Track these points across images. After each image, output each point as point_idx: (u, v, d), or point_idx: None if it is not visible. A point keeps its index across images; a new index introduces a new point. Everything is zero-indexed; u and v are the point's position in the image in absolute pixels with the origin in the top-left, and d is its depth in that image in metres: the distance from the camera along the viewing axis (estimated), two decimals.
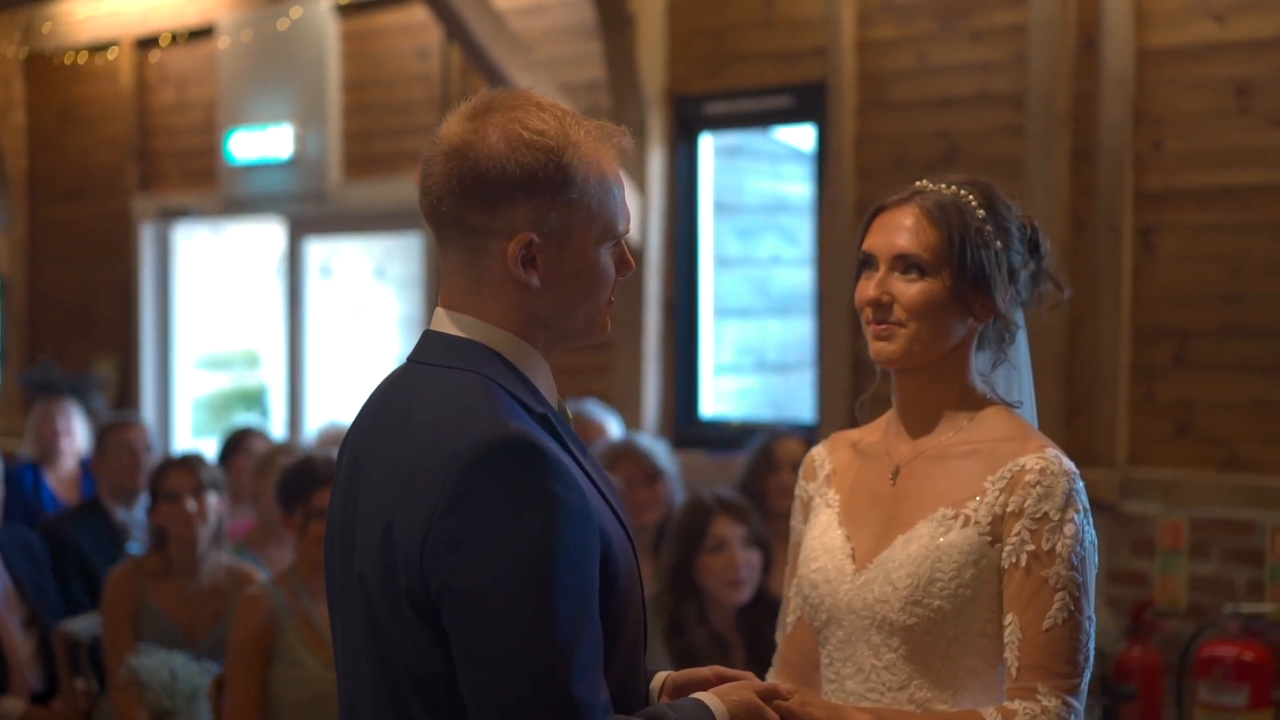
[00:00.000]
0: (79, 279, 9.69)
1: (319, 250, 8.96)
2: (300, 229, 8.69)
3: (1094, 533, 2.71)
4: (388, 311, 9.04)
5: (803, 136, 7.42)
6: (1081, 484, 2.71)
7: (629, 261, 2.45)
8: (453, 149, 2.32)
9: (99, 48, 9.53)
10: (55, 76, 9.86)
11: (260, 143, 8.54)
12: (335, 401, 8.89)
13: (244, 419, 9.06)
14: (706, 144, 7.16)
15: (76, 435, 8.10)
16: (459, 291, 2.37)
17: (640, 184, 6.97)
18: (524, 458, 2.19)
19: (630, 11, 6.84)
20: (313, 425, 8.56)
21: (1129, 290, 5.80)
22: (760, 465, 5.80)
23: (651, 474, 5.62)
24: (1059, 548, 2.65)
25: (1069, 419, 5.92)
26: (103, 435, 7.10)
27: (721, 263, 7.40)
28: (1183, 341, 5.73)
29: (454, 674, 2.22)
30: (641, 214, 6.98)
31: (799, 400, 7.10)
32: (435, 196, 2.34)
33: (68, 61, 9.69)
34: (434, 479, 2.20)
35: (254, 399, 9.47)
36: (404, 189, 7.87)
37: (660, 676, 2.61)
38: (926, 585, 2.70)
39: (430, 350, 2.38)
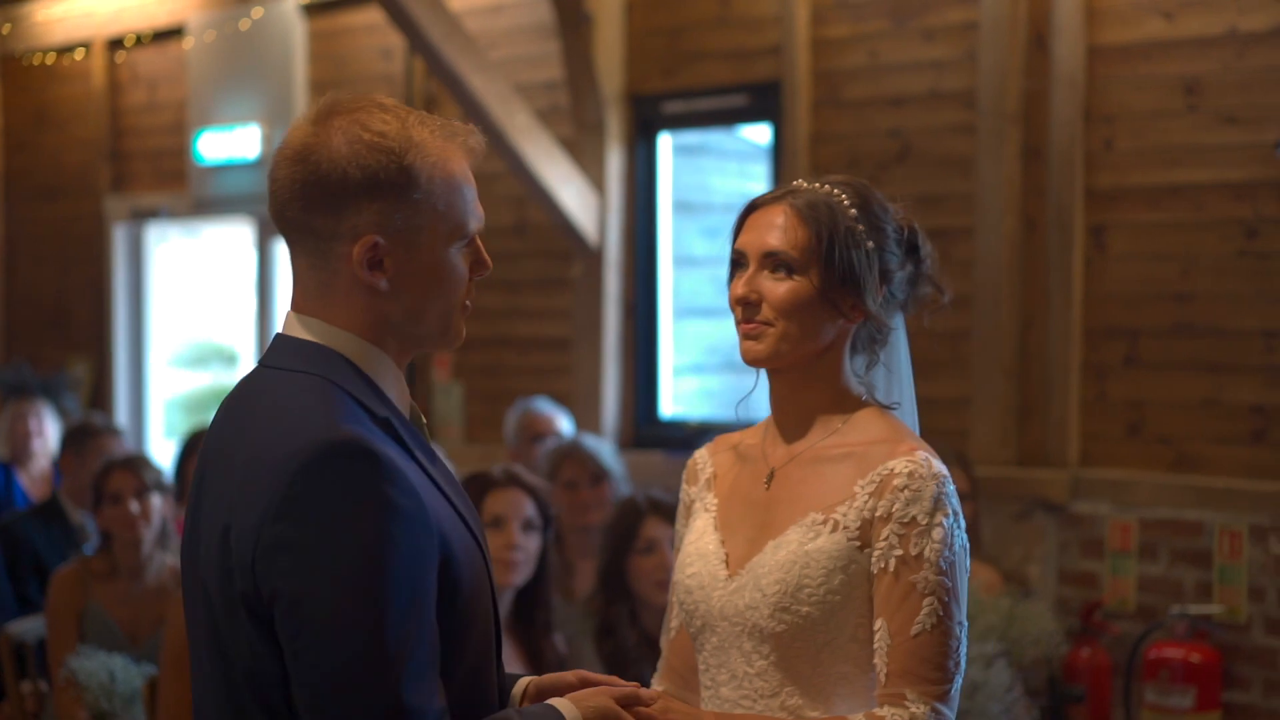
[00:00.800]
0: (54, 279, 9.69)
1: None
2: (270, 229, 8.68)
3: (965, 537, 2.68)
4: None
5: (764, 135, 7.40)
6: (952, 487, 2.68)
7: (485, 261, 2.42)
8: (295, 153, 2.31)
9: (72, 49, 9.53)
10: (30, 77, 9.87)
11: (229, 143, 8.53)
12: None
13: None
14: (665, 143, 7.13)
15: (49, 435, 8.10)
16: (307, 295, 2.35)
17: (599, 183, 6.95)
18: (356, 461, 2.17)
19: (588, 11, 6.82)
20: None
21: (1080, 289, 5.77)
22: None
23: (596, 474, 5.59)
24: (927, 552, 2.61)
25: (1021, 419, 5.89)
26: (75, 437, 7.08)
27: (686, 262, 7.37)
28: (1133, 340, 5.69)
29: (290, 680, 2.21)
30: (600, 213, 6.96)
31: (761, 401, 7.05)
32: (280, 201, 2.33)
33: (40, 62, 9.69)
34: (267, 482, 2.18)
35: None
36: None
37: (523, 682, 2.59)
38: (795, 591, 2.66)
39: (277, 354, 2.36)
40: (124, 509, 5.37)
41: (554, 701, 2.41)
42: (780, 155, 6.57)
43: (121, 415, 9.33)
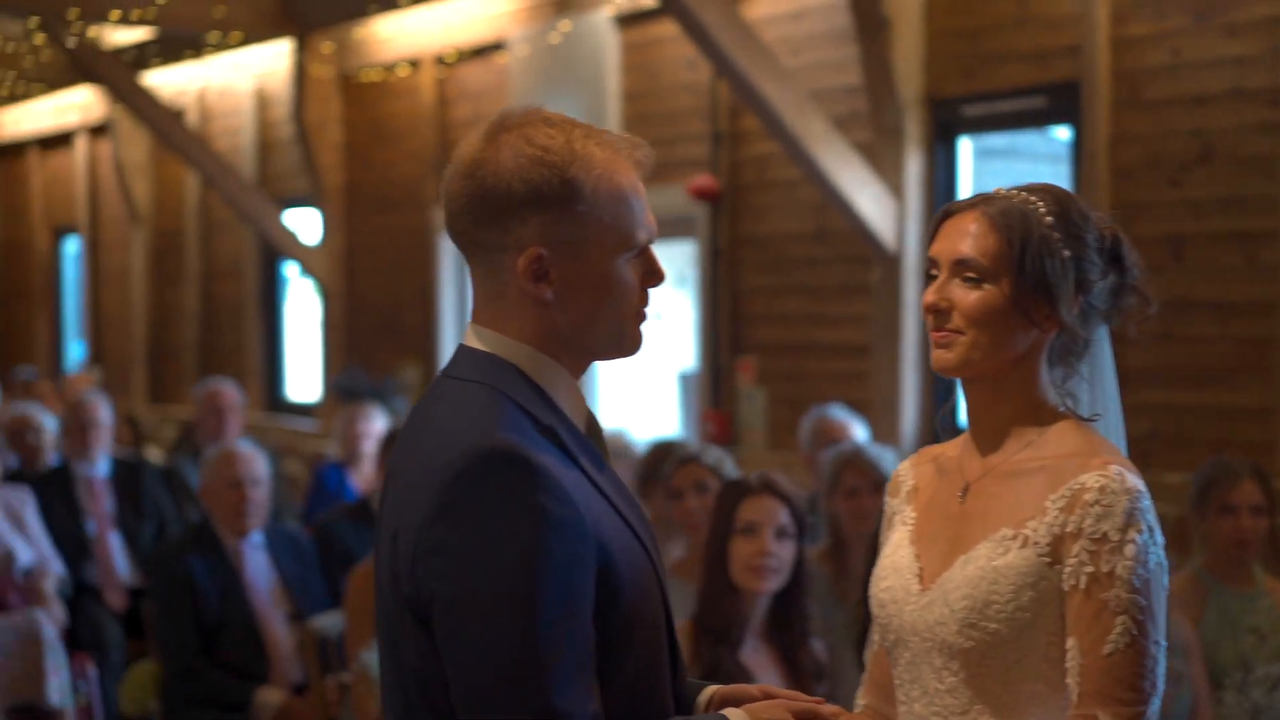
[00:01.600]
0: (387, 288, 10.07)
1: None
2: None
3: (1162, 554, 2.58)
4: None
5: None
6: (1148, 503, 2.58)
7: (659, 271, 2.45)
8: (465, 169, 2.39)
9: (404, 65, 9.90)
10: (367, 94, 10.28)
11: None
12: (622, 407, 9.06)
13: None
14: (965, 147, 7.03)
15: (379, 438, 8.42)
16: (483, 307, 2.43)
17: (897, 189, 6.90)
18: (510, 468, 2.23)
19: (886, 15, 6.77)
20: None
21: None
22: None
23: (878, 482, 5.54)
24: (1119, 570, 2.53)
25: None
26: (390, 441, 7.35)
27: None
28: None
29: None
30: (899, 219, 6.90)
31: None
32: (452, 215, 2.41)
33: (375, 79, 10.10)
34: (427, 488, 2.27)
35: None
36: (676, 198, 7.96)
37: (707, 691, 2.61)
38: (983, 608, 2.62)
39: (457, 364, 2.44)
40: None
41: (727, 711, 2.44)
42: (1080, 157, 6.41)
43: None
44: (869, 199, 6.81)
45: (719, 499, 4.47)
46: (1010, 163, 7.57)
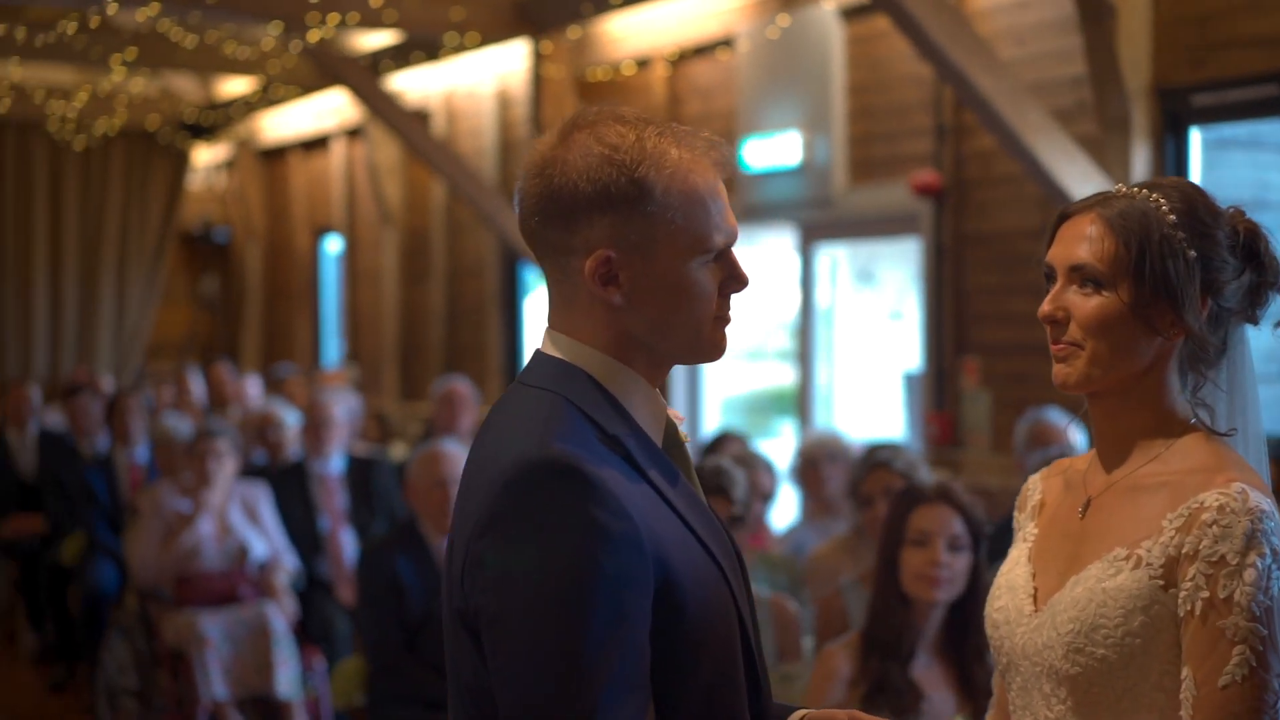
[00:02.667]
0: None
1: (855, 256, 9.02)
2: (811, 234, 8.73)
3: None
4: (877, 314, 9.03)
5: None
6: (1273, 524, 2.39)
7: (740, 277, 2.35)
8: (536, 168, 2.32)
9: (632, 64, 9.89)
10: (600, 93, 10.30)
11: (771, 150, 8.63)
12: (857, 407, 8.92)
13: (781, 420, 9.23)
14: (1195, 138, 6.71)
15: None
16: (556, 311, 2.37)
17: (1124, 182, 6.60)
18: (561, 480, 2.16)
19: (1111, 2, 6.50)
20: (848, 431, 8.57)
21: None
22: None
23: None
24: (1237, 595, 2.36)
25: None
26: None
27: None
28: None
29: None
30: None
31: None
32: (523, 216, 2.34)
33: (607, 78, 10.11)
34: (480, 498, 2.22)
35: (783, 400, 9.60)
36: (900, 193, 7.79)
37: (797, 715, 2.51)
38: (1089, 632, 2.46)
39: (530, 371, 2.38)
40: None
41: None
42: None
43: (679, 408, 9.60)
44: (1092, 193, 6.54)
45: (891, 507, 4.33)
46: (1252, 153, 7.20)
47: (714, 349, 2.37)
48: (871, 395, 8.97)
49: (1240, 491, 2.40)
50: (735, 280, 2.35)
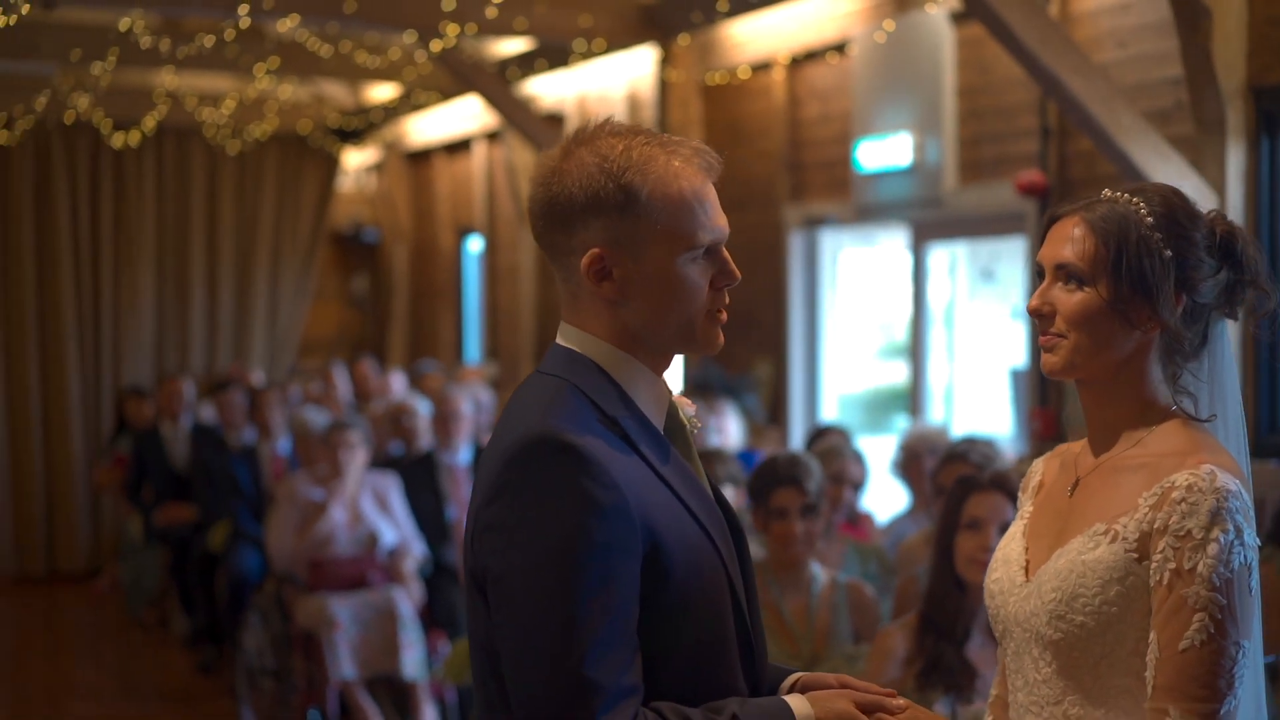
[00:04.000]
0: (742, 285, 10.17)
1: (976, 254, 9.17)
2: (923, 233, 8.89)
3: (1249, 555, 2.60)
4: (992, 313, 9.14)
5: None
6: (1239, 503, 2.60)
7: (730, 273, 2.60)
8: (541, 180, 2.61)
9: (747, 67, 10.11)
10: (724, 96, 10.52)
11: (884, 151, 8.81)
12: (974, 403, 9.06)
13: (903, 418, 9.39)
14: None
15: (728, 432, 8.67)
16: (567, 306, 2.65)
17: (1218, 184, 6.71)
18: (556, 454, 2.43)
19: (1206, 4, 6.60)
20: (959, 428, 8.73)
21: None
22: None
23: None
24: (1200, 567, 2.57)
25: None
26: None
27: None
28: None
29: None
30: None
31: None
32: (532, 222, 2.64)
33: (730, 82, 10.33)
34: (490, 471, 2.50)
35: (901, 398, 9.75)
36: (1006, 193, 7.94)
37: (793, 677, 2.73)
38: (1070, 600, 2.68)
39: (547, 360, 2.66)
40: None
41: (789, 697, 2.56)
42: None
43: (795, 412, 9.81)
44: (1188, 193, 6.63)
45: (949, 494, 4.53)
46: None
47: (708, 341, 2.62)
48: (989, 392, 9.11)
49: (1209, 472, 2.60)
50: (725, 275, 2.61)
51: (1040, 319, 2.81)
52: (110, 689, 9.61)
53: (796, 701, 2.53)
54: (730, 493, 5.81)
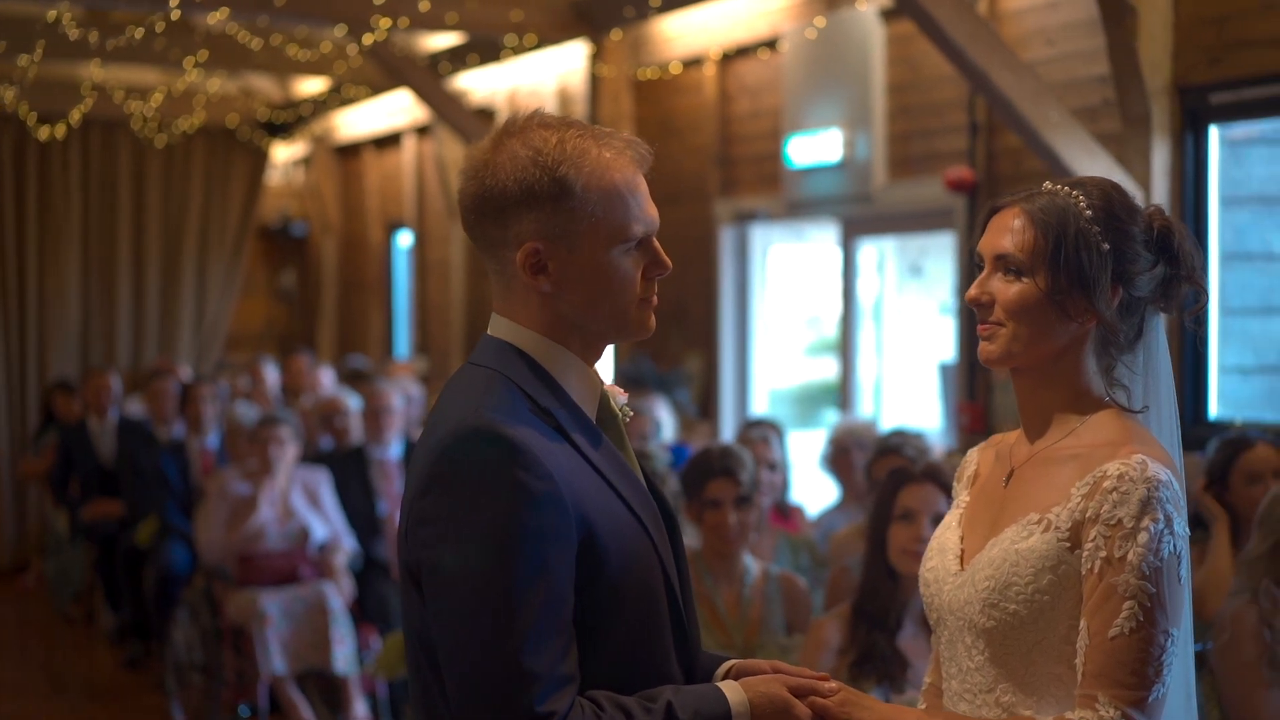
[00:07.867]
0: (672, 279, 10.22)
1: (904, 250, 9.25)
2: (852, 229, 8.95)
3: (1178, 544, 2.62)
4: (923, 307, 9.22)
5: None
6: (1169, 493, 2.62)
7: (661, 262, 2.62)
8: (471, 172, 2.61)
9: (678, 63, 10.14)
10: (654, 92, 10.55)
11: (814, 147, 8.86)
12: (902, 398, 9.14)
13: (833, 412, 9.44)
14: (1214, 136, 6.87)
15: (662, 427, 8.68)
16: (499, 298, 2.65)
17: (1144, 180, 6.80)
18: (489, 445, 2.43)
19: (1132, 3, 6.69)
20: (887, 420, 8.80)
21: None
22: (1221, 467, 5.64)
23: None
24: (1130, 556, 2.59)
25: None
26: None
27: (1240, 258, 7.05)
28: None
29: None
30: None
31: None
32: (463, 214, 2.64)
33: (660, 77, 10.35)
34: (422, 463, 2.50)
35: (830, 392, 9.82)
36: (935, 189, 8.01)
37: (726, 664, 2.75)
38: (1003, 589, 2.71)
39: (478, 351, 2.67)
40: None
41: (722, 684, 2.57)
42: None
43: (726, 407, 9.85)
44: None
45: (882, 486, 4.57)
46: (1273, 150, 7.34)
47: (640, 328, 2.64)
48: (917, 387, 9.18)
49: (1140, 462, 2.64)
50: (657, 265, 2.63)
51: (979, 308, 2.84)
52: (36, 685, 9.53)
53: (730, 688, 2.55)
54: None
